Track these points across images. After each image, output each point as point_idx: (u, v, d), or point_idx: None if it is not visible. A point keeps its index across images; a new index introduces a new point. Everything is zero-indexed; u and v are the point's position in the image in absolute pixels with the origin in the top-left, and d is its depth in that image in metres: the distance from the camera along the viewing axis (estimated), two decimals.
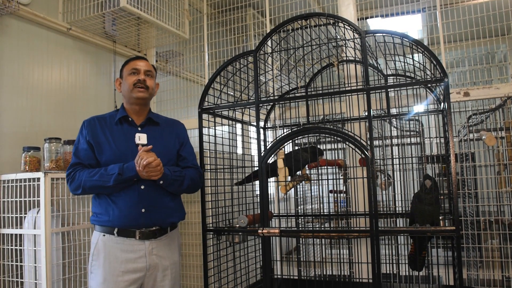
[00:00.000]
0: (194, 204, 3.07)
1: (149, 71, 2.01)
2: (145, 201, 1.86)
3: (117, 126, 1.95)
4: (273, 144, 2.03)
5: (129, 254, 1.83)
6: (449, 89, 1.84)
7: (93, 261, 1.85)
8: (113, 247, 1.83)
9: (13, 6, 2.39)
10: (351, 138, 1.88)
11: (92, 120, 1.97)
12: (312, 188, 3.02)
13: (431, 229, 1.83)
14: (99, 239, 1.85)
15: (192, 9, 3.53)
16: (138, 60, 2.02)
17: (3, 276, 2.30)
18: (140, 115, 2.01)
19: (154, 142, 1.92)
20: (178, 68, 3.63)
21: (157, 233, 1.89)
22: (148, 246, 1.86)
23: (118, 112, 2.00)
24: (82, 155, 1.90)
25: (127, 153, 1.88)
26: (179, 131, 2.11)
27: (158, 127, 2.03)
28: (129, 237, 1.84)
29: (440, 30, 2.62)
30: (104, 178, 1.80)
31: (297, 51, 2.21)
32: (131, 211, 1.84)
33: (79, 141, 1.94)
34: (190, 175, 1.99)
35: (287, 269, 2.82)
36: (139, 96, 1.95)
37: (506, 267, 2.56)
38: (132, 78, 1.96)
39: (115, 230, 1.84)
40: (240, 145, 2.76)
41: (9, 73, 2.53)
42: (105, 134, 1.92)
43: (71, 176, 1.87)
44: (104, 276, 1.80)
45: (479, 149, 2.91)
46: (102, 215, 1.86)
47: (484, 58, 2.82)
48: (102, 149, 1.90)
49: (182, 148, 2.07)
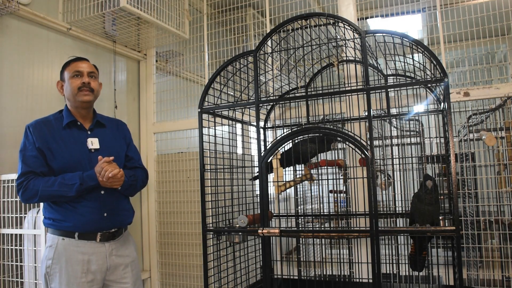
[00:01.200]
0: (194, 204, 3.07)
1: (92, 72, 1.99)
2: (106, 206, 1.91)
3: (65, 130, 1.93)
4: (273, 144, 2.03)
5: (90, 256, 1.86)
6: (449, 89, 1.84)
7: (53, 265, 1.84)
8: (74, 250, 1.85)
9: (13, 6, 2.39)
10: (351, 138, 1.88)
11: (38, 125, 1.92)
12: (312, 188, 3.02)
13: (431, 229, 1.83)
14: (58, 242, 1.85)
15: (192, 9, 3.53)
16: (79, 62, 1.99)
17: (3, 276, 2.30)
18: (86, 118, 2.01)
19: (105, 146, 1.95)
20: (178, 68, 3.63)
21: (115, 234, 1.95)
22: (108, 248, 1.91)
23: (64, 115, 1.97)
24: (31, 162, 1.84)
25: (81, 159, 1.89)
26: (125, 132, 2.15)
27: (105, 129, 2.05)
28: (90, 240, 1.87)
29: (440, 30, 2.62)
30: (64, 188, 1.79)
31: (297, 51, 2.21)
32: (93, 216, 1.87)
33: (25, 147, 1.88)
34: (141, 177, 2.08)
35: (287, 269, 2.82)
36: (84, 100, 1.94)
37: (506, 267, 2.56)
38: (76, 82, 1.93)
39: (75, 234, 1.85)
40: (240, 145, 2.76)
41: (9, 73, 2.53)
42: (55, 139, 1.89)
43: (23, 185, 1.82)
44: (67, 279, 1.82)
45: (479, 149, 2.91)
46: (62, 221, 1.86)
47: (484, 58, 2.82)
48: (54, 156, 1.86)
49: (128, 149, 2.12)
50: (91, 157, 1.91)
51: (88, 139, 1.95)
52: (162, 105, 3.51)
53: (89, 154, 1.92)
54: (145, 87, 3.54)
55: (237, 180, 2.49)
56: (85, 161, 1.89)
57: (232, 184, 2.43)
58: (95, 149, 1.93)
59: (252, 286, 2.50)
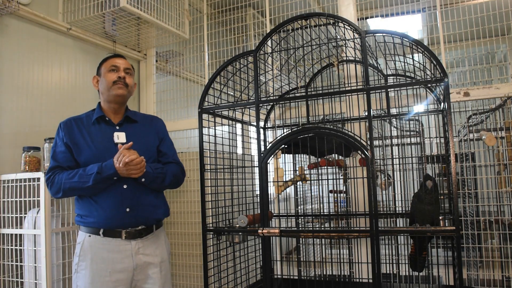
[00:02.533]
0: (194, 204, 3.07)
1: (128, 69, 2.00)
2: (128, 200, 1.86)
3: (94, 126, 1.94)
4: (273, 144, 2.03)
5: (115, 254, 1.83)
6: (449, 89, 1.84)
7: (80, 262, 1.84)
8: (99, 247, 1.83)
9: (13, 6, 2.39)
10: (351, 138, 1.88)
11: (69, 122, 1.95)
12: (312, 188, 3.02)
13: (431, 229, 1.83)
14: (85, 239, 1.85)
15: (192, 9, 3.53)
16: (117, 58, 2.00)
17: (3, 276, 2.30)
18: (117, 114, 2.00)
19: (133, 140, 1.90)
20: (178, 68, 3.63)
21: (143, 233, 1.89)
22: (134, 246, 1.86)
23: (95, 112, 1.98)
24: (60, 157, 1.88)
25: (105, 152, 1.87)
26: (158, 127, 2.10)
27: (136, 124, 2.03)
28: (115, 238, 1.84)
29: (440, 30, 2.62)
30: (83, 179, 1.78)
31: (297, 51, 2.21)
32: (115, 212, 1.83)
33: (56, 144, 1.91)
34: (172, 171, 1.99)
35: (287, 269, 2.82)
36: (118, 93, 1.94)
37: (506, 267, 2.56)
38: (112, 76, 1.94)
39: (100, 231, 1.83)
40: (240, 145, 2.76)
41: (9, 73, 2.53)
42: (83, 135, 1.90)
43: (50, 180, 1.84)
44: (91, 276, 1.80)
45: (479, 149, 2.91)
46: (87, 216, 1.85)
47: (484, 58, 2.82)
48: (81, 150, 1.88)
49: (162, 144, 2.07)
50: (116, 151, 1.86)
51: (114, 133, 1.94)
52: (162, 105, 3.51)
53: (114, 148, 1.88)
54: (145, 87, 3.54)
55: (237, 180, 2.49)
56: (109, 155, 1.85)
57: (232, 184, 2.43)
58: (121, 143, 1.88)
59: (252, 286, 2.50)
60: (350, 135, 1.90)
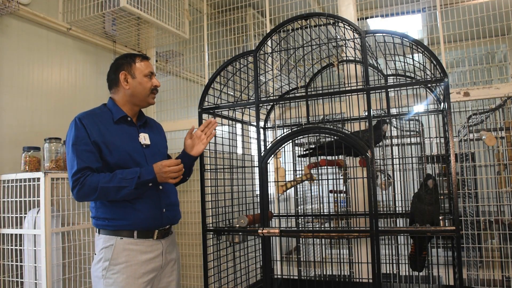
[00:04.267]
0: (194, 204, 3.07)
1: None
2: (165, 201, 1.88)
3: (117, 125, 1.86)
4: (273, 144, 2.03)
5: (148, 254, 1.80)
6: (449, 89, 1.84)
7: (111, 266, 1.74)
8: (133, 249, 1.77)
9: (13, 6, 2.39)
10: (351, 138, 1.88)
11: (89, 117, 1.81)
12: (312, 188, 3.02)
13: (431, 229, 1.83)
14: (117, 242, 1.76)
15: (192, 9, 3.53)
16: (149, 62, 1.95)
17: (3, 276, 2.30)
18: (134, 116, 1.97)
19: (153, 143, 1.93)
20: (178, 68, 3.63)
21: (169, 232, 1.92)
22: (164, 245, 1.87)
23: (111, 110, 1.88)
24: (86, 157, 1.72)
25: (136, 154, 1.83)
26: (163, 132, 2.14)
27: (151, 127, 2.03)
28: (147, 238, 1.81)
29: (440, 30, 2.62)
30: (123, 183, 1.70)
31: (297, 51, 2.21)
32: (153, 212, 1.82)
33: (78, 140, 1.74)
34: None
35: (287, 269, 2.82)
36: (152, 103, 1.95)
37: (506, 267, 2.57)
38: (149, 83, 1.89)
39: (135, 232, 1.78)
40: (240, 145, 2.76)
41: (9, 73, 2.53)
42: (111, 134, 1.81)
43: (80, 182, 1.69)
44: (125, 280, 1.74)
45: (479, 149, 2.92)
46: (120, 219, 1.78)
47: (484, 58, 2.82)
48: (111, 150, 1.78)
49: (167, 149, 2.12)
50: (144, 153, 1.86)
51: (140, 134, 1.91)
52: (162, 105, 3.51)
53: (143, 149, 1.86)
54: None
55: (237, 180, 2.49)
56: (140, 156, 1.83)
57: (232, 184, 2.43)
58: (146, 144, 1.88)
59: (252, 286, 2.50)
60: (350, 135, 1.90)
